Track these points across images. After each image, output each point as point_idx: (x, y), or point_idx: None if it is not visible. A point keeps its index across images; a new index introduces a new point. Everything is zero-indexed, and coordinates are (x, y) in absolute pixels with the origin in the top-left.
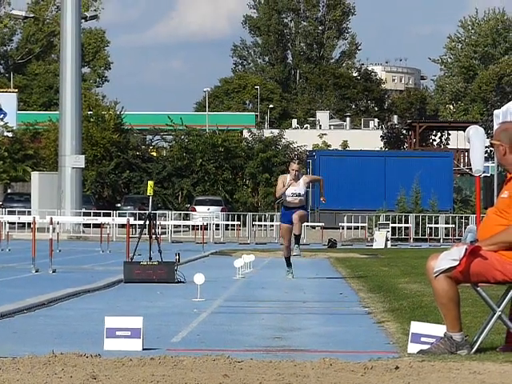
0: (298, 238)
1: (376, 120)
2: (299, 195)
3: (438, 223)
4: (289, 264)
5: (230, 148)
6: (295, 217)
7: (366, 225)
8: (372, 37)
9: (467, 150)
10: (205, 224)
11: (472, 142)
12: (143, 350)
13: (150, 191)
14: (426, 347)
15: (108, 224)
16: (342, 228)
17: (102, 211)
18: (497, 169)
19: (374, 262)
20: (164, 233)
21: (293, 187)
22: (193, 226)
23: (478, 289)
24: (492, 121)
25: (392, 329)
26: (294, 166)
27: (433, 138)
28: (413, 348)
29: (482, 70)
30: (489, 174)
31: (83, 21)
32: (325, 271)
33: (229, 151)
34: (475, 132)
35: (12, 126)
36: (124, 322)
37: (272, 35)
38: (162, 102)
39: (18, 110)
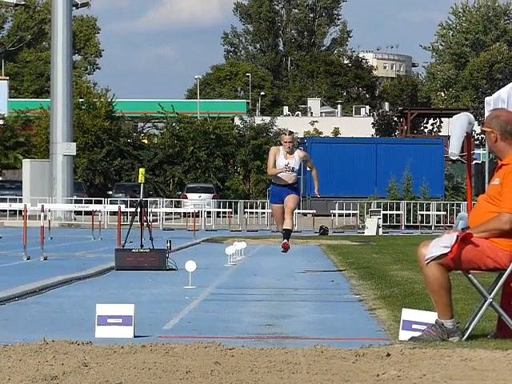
0: (288, 232)
1: (367, 107)
2: (293, 170)
3: (429, 210)
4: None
5: (221, 135)
6: (287, 208)
7: (357, 212)
8: (363, 24)
9: None
10: (196, 211)
11: (453, 127)
12: (134, 337)
13: (141, 178)
14: (417, 334)
15: (99, 211)
16: (334, 215)
17: (93, 198)
18: (488, 156)
19: (365, 249)
20: (155, 220)
21: (286, 159)
22: (184, 213)
23: (470, 276)
24: (483, 108)
25: (383, 316)
26: (286, 137)
27: (424, 125)
28: (404, 335)
29: (473, 57)
30: (480, 161)
31: (74, 8)
32: (316, 258)
33: (220, 138)
34: (457, 118)
35: (3, 114)
36: (115, 310)
37: (263, 22)
38: (153, 90)
39: (10, 97)
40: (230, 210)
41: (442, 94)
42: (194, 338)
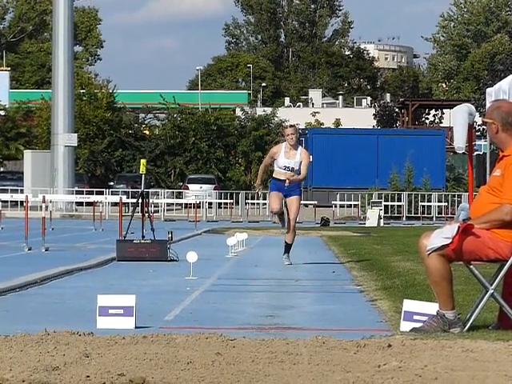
0: (289, 246)
1: (369, 98)
2: (292, 170)
3: (430, 201)
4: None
5: (222, 126)
6: (290, 219)
7: (358, 203)
8: (364, 15)
9: None
10: (197, 202)
11: (454, 119)
12: (136, 328)
13: (142, 169)
14: (418, 325)
15: (101, 202)
16: (335, 206)
17: (94, 189)
18: (489, 147)
19: (366, 240)
20: (157, 211)
21: (287, 159)
22: (185, 204)
23: (471, 267)
24: (484, 99)
25: (385, 307)
26: (288, 130)
27: (426, 116)
28: (405, 326)
29: (474, 48)
30: (481, 152)
31: None
32: (317, 250)
33: (221, 129)
34: (458, 110)
35: (4, 105)
36: (117, 300)
37: (264, 13)
38: (154, 81)
39: (11, 88)
40: (232, 200)
41: (444, 85)
42: (195, 329)
